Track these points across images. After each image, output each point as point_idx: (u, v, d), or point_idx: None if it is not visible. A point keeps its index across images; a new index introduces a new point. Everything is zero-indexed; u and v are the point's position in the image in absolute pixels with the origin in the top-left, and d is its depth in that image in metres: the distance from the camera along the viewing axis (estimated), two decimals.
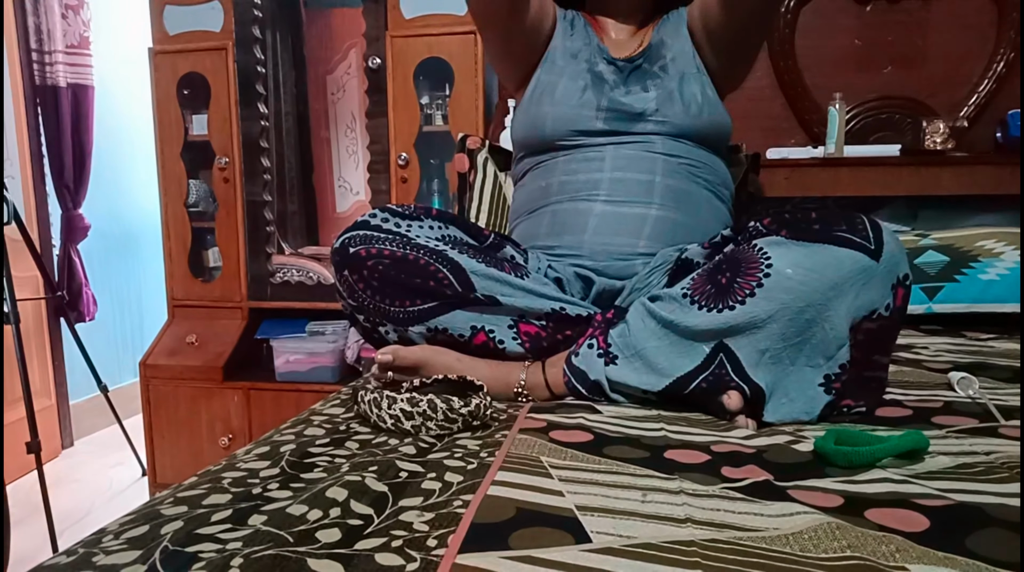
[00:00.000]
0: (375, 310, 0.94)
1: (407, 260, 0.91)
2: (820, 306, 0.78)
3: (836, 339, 0.80)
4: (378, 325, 0.96)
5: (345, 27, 2.28)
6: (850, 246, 0.79)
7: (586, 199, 1.08)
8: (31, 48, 2.46)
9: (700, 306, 0.83)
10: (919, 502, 0.57)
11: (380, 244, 0.92)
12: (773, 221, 0.87)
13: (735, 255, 0.86)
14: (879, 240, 0.79)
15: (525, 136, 1.19)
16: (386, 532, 0.53)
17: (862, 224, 0.81)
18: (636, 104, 1.11)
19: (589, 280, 1.05)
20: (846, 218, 0.82)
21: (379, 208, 1.00)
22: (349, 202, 2.41)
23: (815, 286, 0.78)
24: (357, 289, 0.93)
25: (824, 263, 0.78)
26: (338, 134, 2.37)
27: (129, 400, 2.64)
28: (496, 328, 0.94)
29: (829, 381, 0.81)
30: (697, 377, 0.83)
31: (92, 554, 0.51)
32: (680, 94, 1.12)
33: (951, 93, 1.79)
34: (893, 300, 0.80)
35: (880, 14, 1.80)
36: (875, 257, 0.78)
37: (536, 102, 1.17)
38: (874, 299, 0.79)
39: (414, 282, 0.91)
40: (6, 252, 1.79)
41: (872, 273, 0.78)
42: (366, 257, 0.91)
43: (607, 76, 1.14)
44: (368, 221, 0.97)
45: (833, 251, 0.79)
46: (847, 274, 0.78)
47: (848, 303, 0.78)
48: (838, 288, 0.78)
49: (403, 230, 0.97)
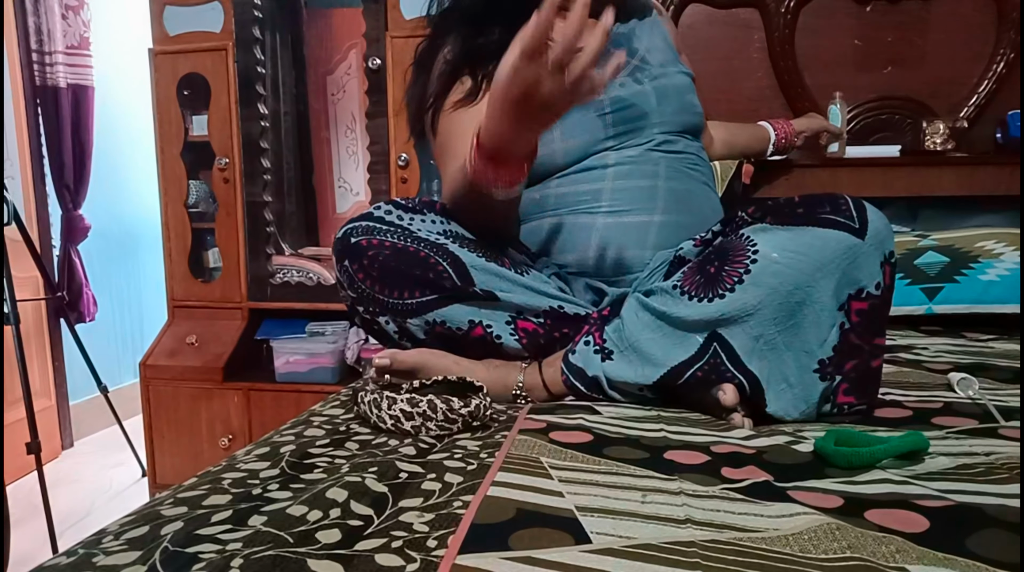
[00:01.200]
0: (374, 301, 0.94)
1: (407, 252, 0.91)
2: (808, 288, 0.78)
3: (828, 320, 0.80)
4: (377, 316, 0.96)
5: (345, 27, 2.28)
6: (834, 226, 0.79)
7: (587, 212, 1.05)
8: (31, 48, 2.46)
9: (691, 297, 0.83)
10: (919, 503, 0.57)
11: (381, 235, 0.92)
12: (757, 209, 0.88)
13: (723, 245, 0.86)
14: (863, 218, 0.79)
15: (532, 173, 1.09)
16: (386, 533, 0.53)
17: (845, 204, 0.81)
18: (639, 103, 1.08)
19: (601, 291, 1.04)
20: (829, 199, 0.82)
21: (384, 201, 1.00)
22: (349, 203, 2.41)
23: (801, 267, 0.78)
24: (356, 279, 0.93)
25: (809, 244, 0.79)
26: (338, 135, 2.38)
27: (129, 401, 2.64)
28: (494, 323, 0.94)
29: (824, 366, 0.81)
30: (692, 366, 0.83)
31: (92, 555, 0.51)
32: (673, 89, 1.11)
33: (951, 93, 1.79)
34: (883, 277, 0.80)
35: (880, 14, 1.80)
36: (860, 235, 0.78)
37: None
38: (862, 277, 0.79)
39: (413, 274, 0.91)
40: (6, 253, 1.79)
41: (858, 251, 0.78)
42: (367, 247, 0.91)
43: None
44: (372, 213, 0.97)
45: (818, 232, 0.79)
46: (833, 253, 0.78)
47: (835, 282, 0.78)
48: (825, 268, 0.78)
49: (405, 223, 0.97)
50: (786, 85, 1.86)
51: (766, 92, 1.88)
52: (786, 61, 1.85)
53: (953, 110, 1.78)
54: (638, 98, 1.08)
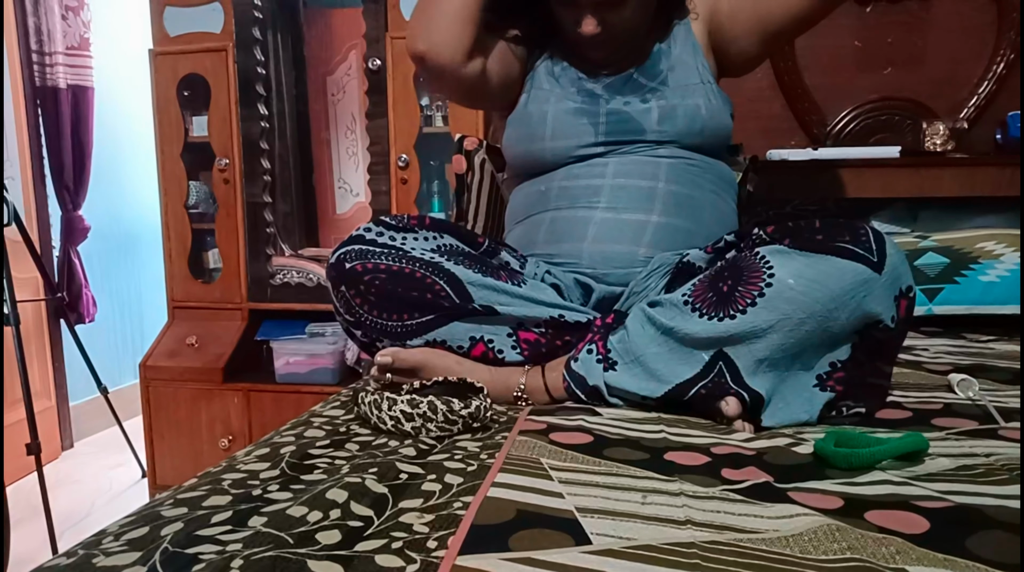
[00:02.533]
0: (373, 326, 0.94)
1: (403, 274, 0.91)
2: (821, 317, 0.78)
3: (834, 346, 0.80)
4: (376, 340, 0.96)
5: (345, 28, 2.28)
6: (852, 258, 0.79)
7: (586, 206, 1.07)
8: (31, 49, 2.46)
9: (701, 314, 0.83)
10: (919, 504, 0.57)
11: (376, 258, 0.92)
12: (776, 230, 0.87)
13: (737, 263, 0.86)
14: (882, 251, 0.79)
15: (522, 166, 1.17)
16: (386, 534, 0.53)
17: (865, 235, 0.81)
18: (637, 118, 1.08)
19: (588, 287, 1.04)
20: (849, 228, 0.82)
21: (373, 221, 1.00)
22: (349, 203, 2.41)
23: (816, 297, 0.78)
24: (354, 305, 0.93)
25: (826, 274, 0.78)
26: (338, 135, 2.38)
27: (129, 401, 2.64)
28: (495, 338, 0.94)
29: (822, 380, 0.81)
30: (696, 384, 0.83)
31: (92, 556, 0.51)
32: (683, 109, 1.09)
33: (951, 94, 1.79)
34: (897, 311, 0.80)
35: (880, 14, 1.80)
36: (877, 269, 0.78)
37: (528, 137, 1.13)
38: (876, 310, 0.79)
39: (411, 296, 0.91)
40: (6, 253, 1.79)
41: (874, 285, 0.78)
42: (362, 272, 0.91)
43: (598, 91, 1.11)
44: (363, 235, 0.97)
45: (835, 262, 0.79)
46: (849, 285, 0.78)
47: (848, 312, 0.78)
48: (839, 299, 0.78)
49: (398, 243, 0.97)
50: (786, 85, 1.86)
51: (766, 92, 1.88)
52: (786, 61, 1.84)
53: (953, 111, 1.78)
54: (638, 115, 1.09)
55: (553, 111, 1.12)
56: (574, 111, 1.11)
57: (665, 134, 1.08)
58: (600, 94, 1.12)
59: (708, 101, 1.11)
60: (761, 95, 1.88)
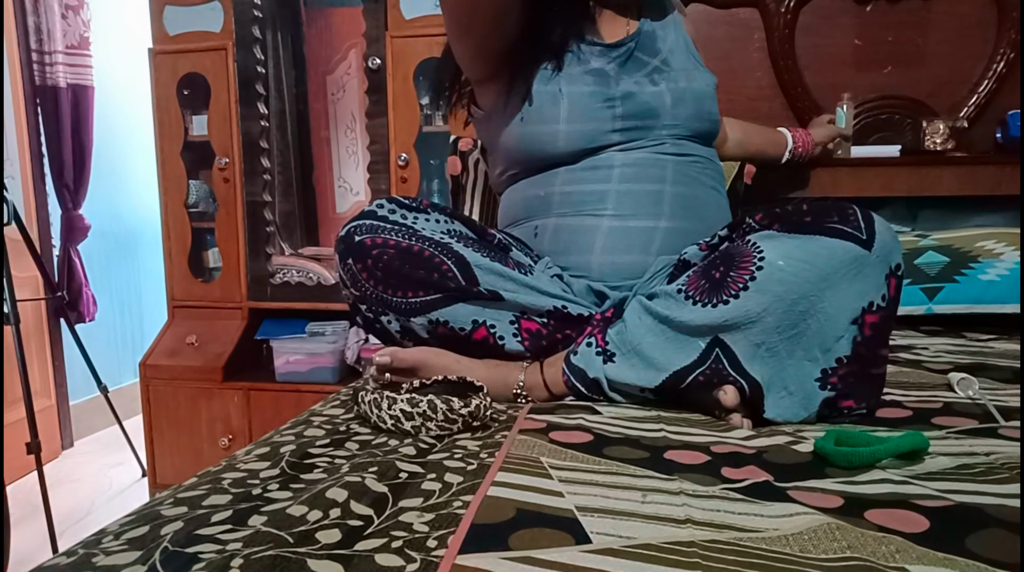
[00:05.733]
0: (377, 300, 0.94)
1: (412, 251, 0.91)
2: (813, 297, 0.78)
3: (832, 331, 0.80)
4: (380, 315, 0.96)
5: (345, 27, 2.28)
6: (842, 236, 0.79)
7: (592, 214, 1.04)
8: (31, 48, 2.46)
9: (695, 301, 0.83)
10: (919, 503, 0.57)
11: (386, 234, 0.92)
12: (765, 216, 0.88)
13: (729, 250, 0.86)
14: (871, 230, 0.80)
15: (527, 156, 1.09)
16: (386, 533, 0.53)
17: (854, 214, 0.81)
18: (651, 101, 1.06)
19: (602, 294, 1.03)
20: (838, 209, 0.83)
21: (386, 199, 0.99)
22: (349, 202, 2.40)
23: (807, 277, 0.78)
24: (360, 278, 0.93)
25: (816, 253, 0.79)
26: (338, 134, 2.37)
27: (129, 401, 2.64)
28: (497, 323, 0.94)
29: (826, 376, 0.81)
30: (694, 371, 0.83)
31: (92, 555, 0.51)
32: (691, 93, 1.09)
33: (951, 93, 1.79)
34: (888, 289, 0.80)
35: (880, 14, 1.80)
36: (867, 247, 0.79)
37: (538, 119, 1.06)
38: (869, 289, 0.79)
39: (418, 273, 0.91)
40: (6, 252, 1.79)
41: (864, 262, 0.78)
42: (371, 246, 0.91)
43: (606, 68, 1.08)
44: (375, 211, 0.97)
45: (825, 242, 0.79)
46: (839, 264, 0.78)
47: (842, 294, 0.78)
48: (830, 278, 0.78)
49: (409, 222, 0.97)
50: (786, 85, 1.86)
51: (766, 92, 1.88)
52: (786, 61, 1.84)
53: (953, 110, 1.78)
54: (652, 98, 1.07)
55: (568, 91, 1.05)
56: (589, 94, 1.05)
57: (678, 118, 1.08)
58: (609, 73, 1.07)
59: (708, 86, 1.13)
60: (761, 94, 1.88)
